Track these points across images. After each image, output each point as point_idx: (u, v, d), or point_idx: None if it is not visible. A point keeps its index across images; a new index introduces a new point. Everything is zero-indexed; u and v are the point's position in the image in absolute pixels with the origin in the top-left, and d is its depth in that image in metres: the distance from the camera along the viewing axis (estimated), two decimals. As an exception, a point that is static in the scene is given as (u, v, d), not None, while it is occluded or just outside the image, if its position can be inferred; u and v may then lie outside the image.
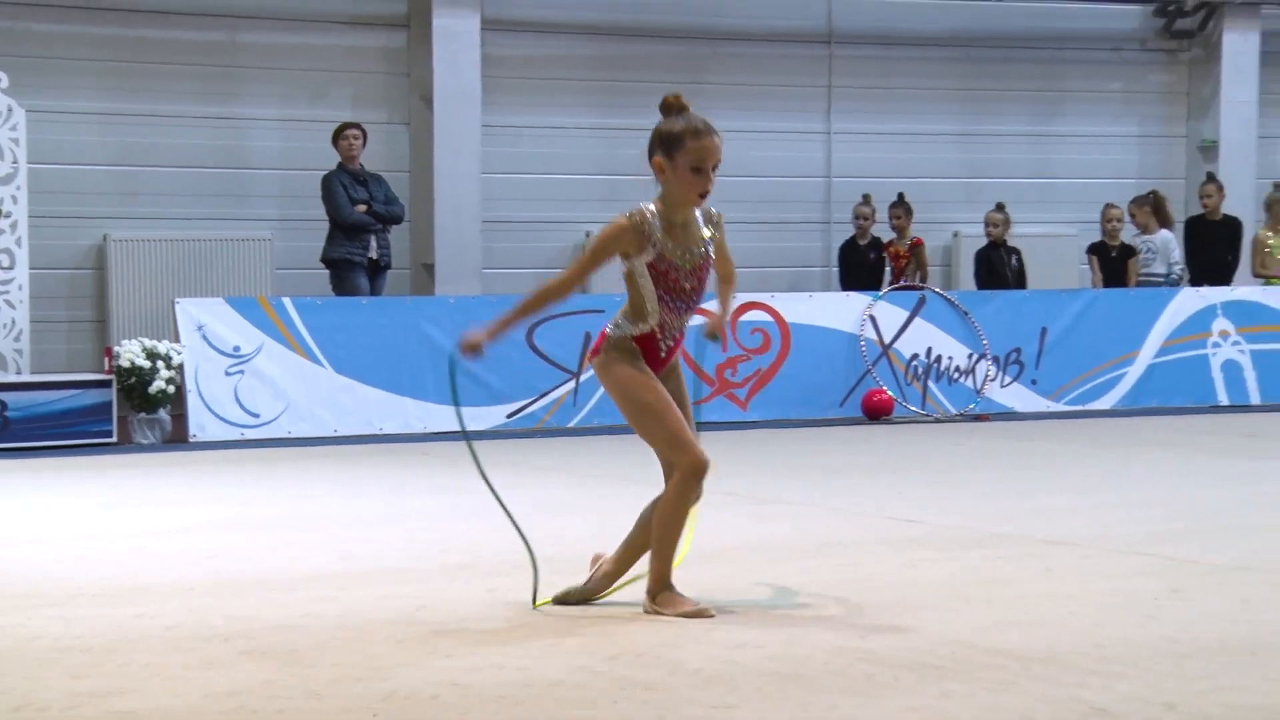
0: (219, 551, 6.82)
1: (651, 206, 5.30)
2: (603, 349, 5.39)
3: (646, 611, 5.29)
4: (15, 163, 11.94)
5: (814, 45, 16.01)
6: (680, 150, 5.26)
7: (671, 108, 5.39)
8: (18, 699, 4.21)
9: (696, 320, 5.52)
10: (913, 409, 13.33)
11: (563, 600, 5.49)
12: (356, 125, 13.45)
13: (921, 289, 14.02)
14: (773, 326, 13.16)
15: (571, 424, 12.53)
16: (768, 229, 15.83)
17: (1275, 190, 15.30)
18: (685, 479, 5.28)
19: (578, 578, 5.50)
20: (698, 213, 5.38)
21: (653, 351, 5.34)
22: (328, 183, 13.24)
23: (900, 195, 14.91)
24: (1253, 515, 7.73)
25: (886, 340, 13.43)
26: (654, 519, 5.35)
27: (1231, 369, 14.33)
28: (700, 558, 5.69)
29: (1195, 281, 14.87)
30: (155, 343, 11.82)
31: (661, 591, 5.30)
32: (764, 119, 15.90)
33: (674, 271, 5.29)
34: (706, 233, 5.38)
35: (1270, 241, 14.99)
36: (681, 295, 5.34)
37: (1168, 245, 14.97)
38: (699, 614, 5.21)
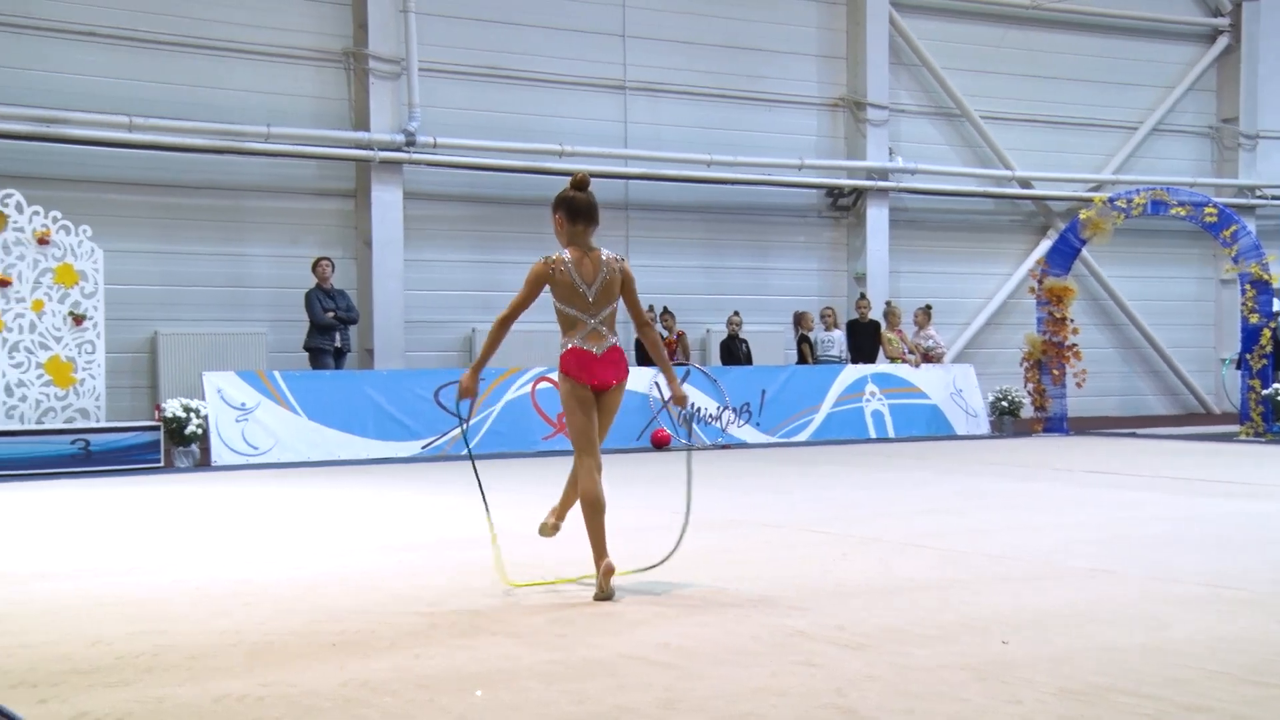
0: (237, 534, 6.71)
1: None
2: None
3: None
4: (96, 284, 11.68)
5: (616, 210, 16.25)
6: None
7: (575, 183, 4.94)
8: None
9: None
10: (684, 441, 13.47)
11: (544, 530, 5.19)
12: (328, 258, 13.33)
13: (686, 365, 14.24)
14: (592, 389, 13.24)
15: (462, 453, 12.52)
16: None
17: (888, 305, 15.84)
18: (582, 500, 4.89)
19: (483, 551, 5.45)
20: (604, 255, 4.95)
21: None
22: (308, 297, 13.06)
23: (665, 307, 15.15)
24: (890, 506, 7.94)
25: (665, 397, 13.64)
26: (585, 521, 4.81)
27: (877, 416, 14.72)
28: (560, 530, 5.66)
29: (854, 361, 15.28)
30: (189, 400, 11.61)
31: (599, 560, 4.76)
32: (586, 257, 15.96)
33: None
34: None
35: (889, 336, 15.51)
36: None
37: (841, 339, 15.41)
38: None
